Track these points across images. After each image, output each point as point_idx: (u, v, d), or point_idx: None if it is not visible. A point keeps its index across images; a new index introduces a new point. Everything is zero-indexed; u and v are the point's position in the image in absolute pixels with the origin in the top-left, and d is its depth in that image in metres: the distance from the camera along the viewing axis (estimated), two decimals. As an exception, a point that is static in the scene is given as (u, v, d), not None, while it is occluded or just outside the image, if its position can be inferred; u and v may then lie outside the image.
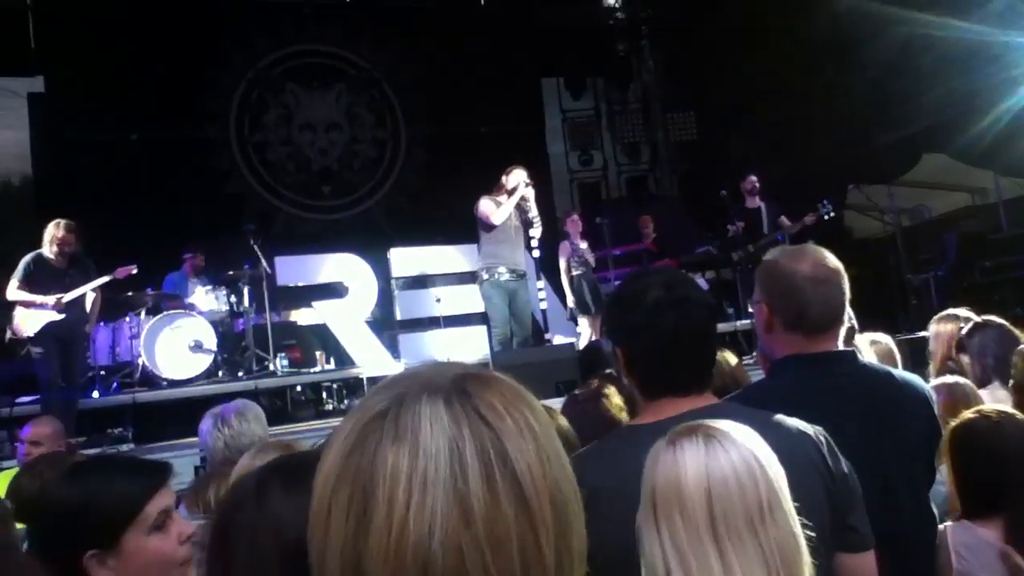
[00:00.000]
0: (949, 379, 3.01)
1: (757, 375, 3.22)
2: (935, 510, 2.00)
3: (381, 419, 0.68)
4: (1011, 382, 3.05)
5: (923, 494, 1.95)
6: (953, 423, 2.15)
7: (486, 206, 6.71)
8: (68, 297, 6.31)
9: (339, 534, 0.65)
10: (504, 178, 6.82)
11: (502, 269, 6.69)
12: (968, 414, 2.17)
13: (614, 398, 2.64)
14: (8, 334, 6.41)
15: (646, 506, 1.23)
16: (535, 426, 0.70)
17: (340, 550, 0.65)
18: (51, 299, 6.23)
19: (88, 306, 6.71)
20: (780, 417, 1.57)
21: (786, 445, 1.29)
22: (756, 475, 1.21)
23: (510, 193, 6.73)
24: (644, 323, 1.60)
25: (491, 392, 0.70)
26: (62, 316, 6.28)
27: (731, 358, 3.19)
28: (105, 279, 6.63)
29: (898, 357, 3.31)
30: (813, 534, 1.23)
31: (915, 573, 1.89)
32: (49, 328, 6.24)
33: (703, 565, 1.17)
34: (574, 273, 8.47)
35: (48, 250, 6.33)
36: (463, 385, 0.70)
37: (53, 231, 6.32)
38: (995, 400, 2.92)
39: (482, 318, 7.82)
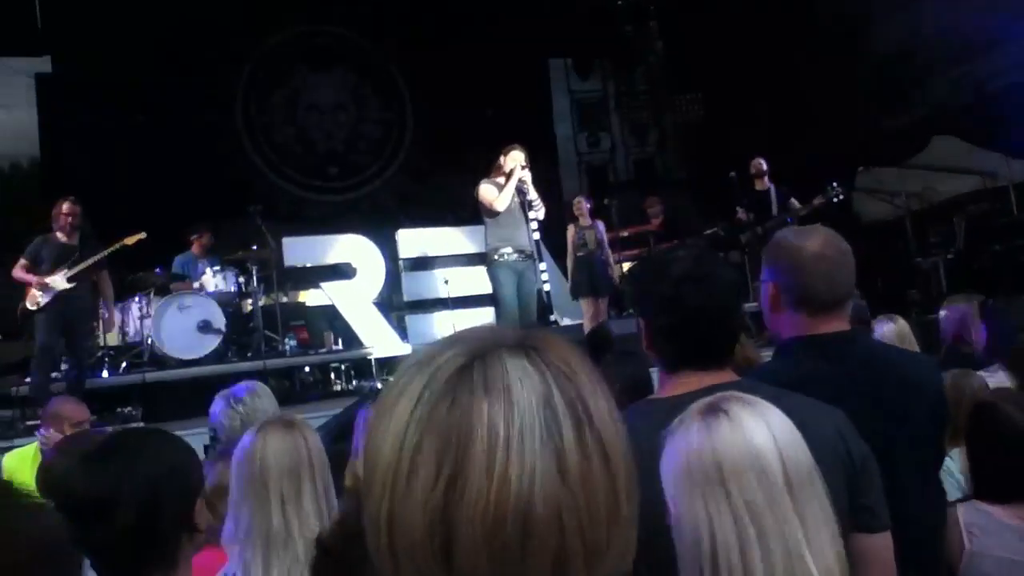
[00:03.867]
0: (956, 371, 2.99)
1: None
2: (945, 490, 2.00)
3: (467, 372, 0.67)
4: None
5: (932, 475, 1.95)
6: (977, 403, 2.14)
7: (487, 192, 6.62)
8: (74, 271, 6.37)
9: (425, 488, 0.64)
10: (502, 159, 6.71)
11: (510, 250, 6.64)
12: (994, 395, 2.16)
13: None
14: (21, 308, 6.47)
15: (708, 476, 1.21)
16: (604, 385, 0.70)
17: (424, 504, 0.64)
18: (34, 280, 6.31)
19: (107, 299, 6.95)
20: (799, 396, 1.57)
21: (806, 423, 1.29)
22: (799, 435, 1.24)
23: (508, 176, 6.62)
24: (668, 296, 1.62)
25: (562, 350, 0.70)
26: (71, 286, 6.34)
27: (744, 338, 3.18)
28: (114, 247, 6.71)
29: (913, 341, 3.30)
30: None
31: (923, 555, 1.89)
32: (54, 304, 6.32)
33: (782, 524, 1.18)
34: (578, 255, 8.46)
35: (56, 226, 6.46)
36: (534, 342, 0.70)
37: (59, 205, 6.48)
38: (994, 383, 2.91)
39: (490, 299, 7.82)
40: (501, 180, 6.63)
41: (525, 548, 0.63)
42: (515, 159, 6.63)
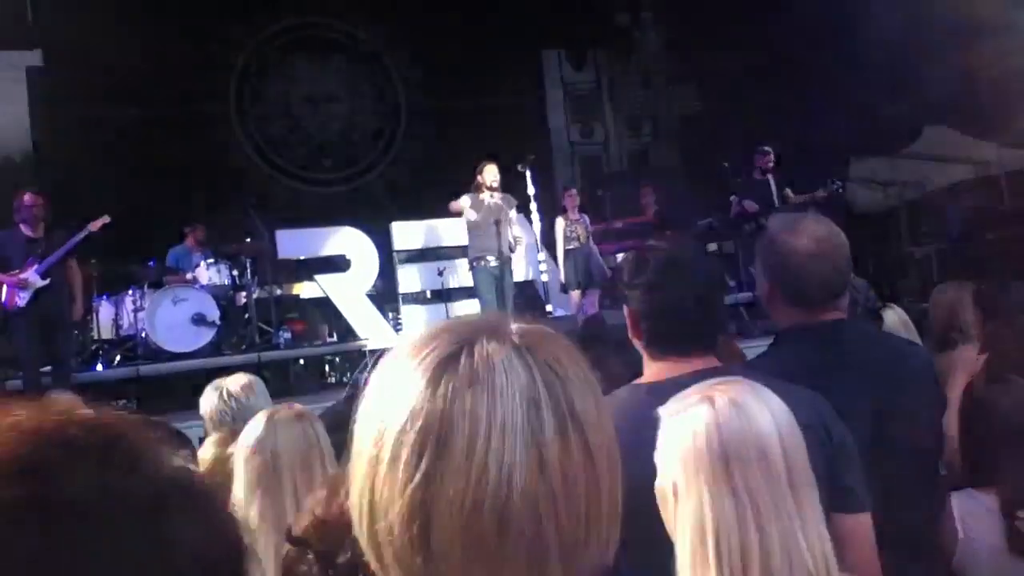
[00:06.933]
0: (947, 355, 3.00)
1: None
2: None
3: (454, 362, 0.67)
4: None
5: (931, 461, 1.97)
6: (966, 389, 2.14)
7: (458, 208, 7.45)
8: (46, 265, 6.18)
9: (406, 476, 0.65)
10: (479, 177, 7.26)
11: (489, 258, 7.29)
12: (974, 379, 2.16)
13: None
14: None
15: (713, 459, 1.21)
16: (593, 381, 0.71)
17: (402, 492, 0.65)
18: (10, 280, 6.10)
19: (75, 290, 6.57)
20: (780, 383, 1.57)
21: (786, 404, 1.31)
22: (796, 424, 1.26)
23: (489, 187, 7.20)
24: (650, 283, 1.68)
25: (553, 344, 0.71)
26: (46, 282, 6.17)
27: (726, 335, 3.18)
28: (80, 236, 6.45)
29: (913, 329, 3.31)
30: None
31: (922, 544, 1.89)
32: (33, 305, 6.15)
33: (780, 509, 1.20)
34: (567, 248, 8.54)
35: (19, 219, 6.22)
36: (525, 337, 0.69)
37: (20, 197, 6.23)
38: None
39: (483, 292, 7.87)
40: (481, 196, 7.27)
41: (501, 538, 0.64)
42: (491, 172, 7.28)
